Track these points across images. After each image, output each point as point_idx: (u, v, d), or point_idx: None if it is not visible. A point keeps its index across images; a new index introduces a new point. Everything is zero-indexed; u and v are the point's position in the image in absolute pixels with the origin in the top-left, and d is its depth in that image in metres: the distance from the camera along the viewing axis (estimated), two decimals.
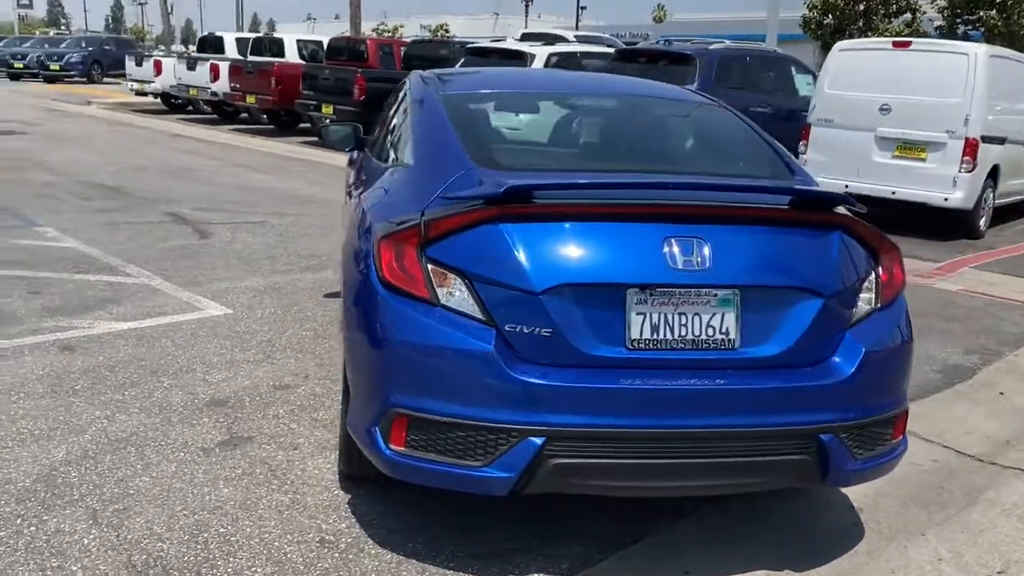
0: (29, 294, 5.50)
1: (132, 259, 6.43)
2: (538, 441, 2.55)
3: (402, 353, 2.66)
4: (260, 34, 20.78)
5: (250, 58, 18.57)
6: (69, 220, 7.71)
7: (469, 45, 14.35)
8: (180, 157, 12.97)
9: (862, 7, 26.90)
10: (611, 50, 13.11)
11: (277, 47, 18.98)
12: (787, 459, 2.71)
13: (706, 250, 2.66)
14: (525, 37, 19.20)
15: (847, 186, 9.63)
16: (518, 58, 12.83)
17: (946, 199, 9.14)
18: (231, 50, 19.96)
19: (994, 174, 9.67)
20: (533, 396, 2.55)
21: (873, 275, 2.92)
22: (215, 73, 17.68)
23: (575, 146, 3.52)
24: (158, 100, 21.04)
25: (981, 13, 25.26)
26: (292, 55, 18.70)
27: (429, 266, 2.65)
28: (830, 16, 27.43)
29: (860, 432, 2.80)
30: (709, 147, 3.67)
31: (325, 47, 18.11)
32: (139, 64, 20.71)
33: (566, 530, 3.08)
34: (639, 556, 2.99)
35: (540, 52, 12.87)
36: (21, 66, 31.70)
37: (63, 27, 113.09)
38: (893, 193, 9.53)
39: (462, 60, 13.57)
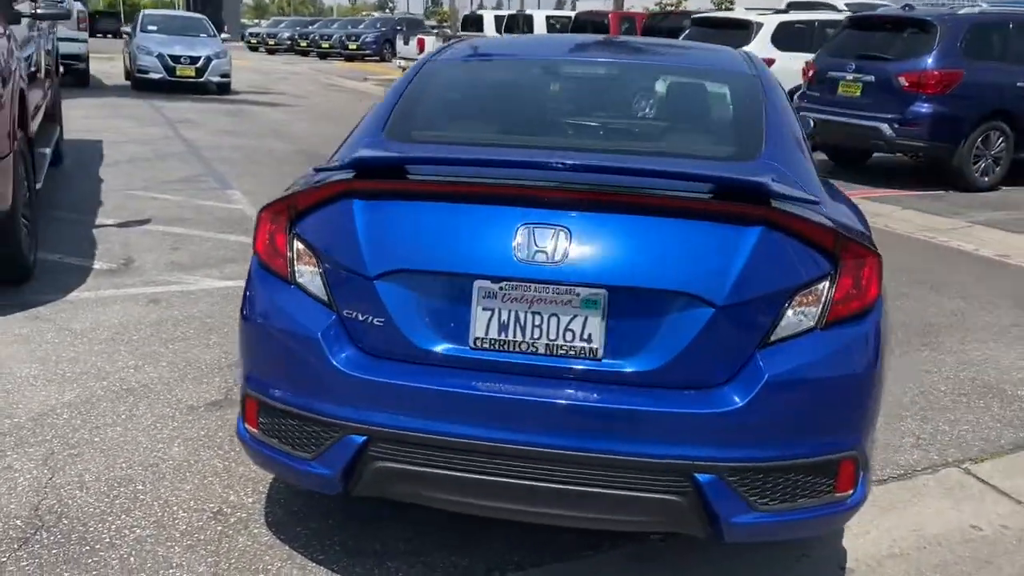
0: (170, 249, 6.05)
1: None
2: (358, 440, 2.32)
3: (255, 332, 2.56)
4: (514, 11, 21.29)
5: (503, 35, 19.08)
6: (259, 185, 8.39)
7: (694, 15, 13.65)
8: None
9: None
10: None
11: (528, 23, 19.31)
12: (652, 498, 2.24)
13: (567, 241, 2.26)
14: (792, 6, 17.97)
15: None
16: (743, 27, 11.98)
17: None
18: (489, 27, 20.63)
19: None
20: (356, 391, 2.32)
21: (824, 285, 2.33)
22: None
23: (520, 118, 3.14)
24: None
25: None
26: (541, 30, 18.94)
27: (296, 243, 2.51)
28: None
29: (764, 477, 2.26)
30: (677, 125, 3.13)
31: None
32: (406, 43, 22.08)
33: (473, 540, 2.81)
34: None
35: (769, 21, 11.92)
36: (327, 46, 35.14)
37: (388, 10, 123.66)
38: None
39: (687, 31, 12.96)
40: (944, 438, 3.74)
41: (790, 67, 11.34)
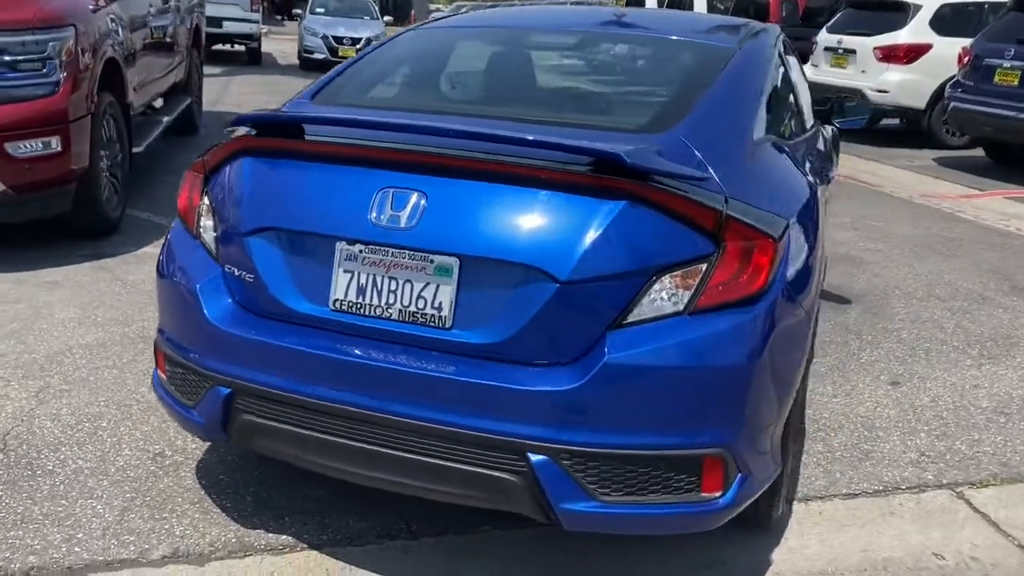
0: None
1: None
2: (224, 391, 2.39)
3: (161, 283, 2.67)
4: None
5: None
6: None
7: None
8: None
9: None
10: None
11: (688, 6, 18.75)
12: (488, 475, 2.16)
13: (423, 207, 2.21)
14: None
15: None
16: (899, 9, 11.09)
17: None
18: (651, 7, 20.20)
19: None
20: (224, 343, 2.39)
21: (702, 268, 2.15)
22: None
23: (452, 86, 3.06)
24: None
25: None
26: (701, 8, 18.34)
27: (205, 198, 2.61)
28: None
29: (603, 465, 2.13)
30: (609, 96, 2.95)
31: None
32: None
33: (378, 506, 2.80)
34: (419, 552, 2.64)
35: (928, 3, 10.97)
36: None
37: None
38: None
39: (840, 13, 12.19)
40: (954, 457, 3.36)
41: (949, 53, 10.41)
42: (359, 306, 2.29)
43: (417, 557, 2.62)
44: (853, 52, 11.42)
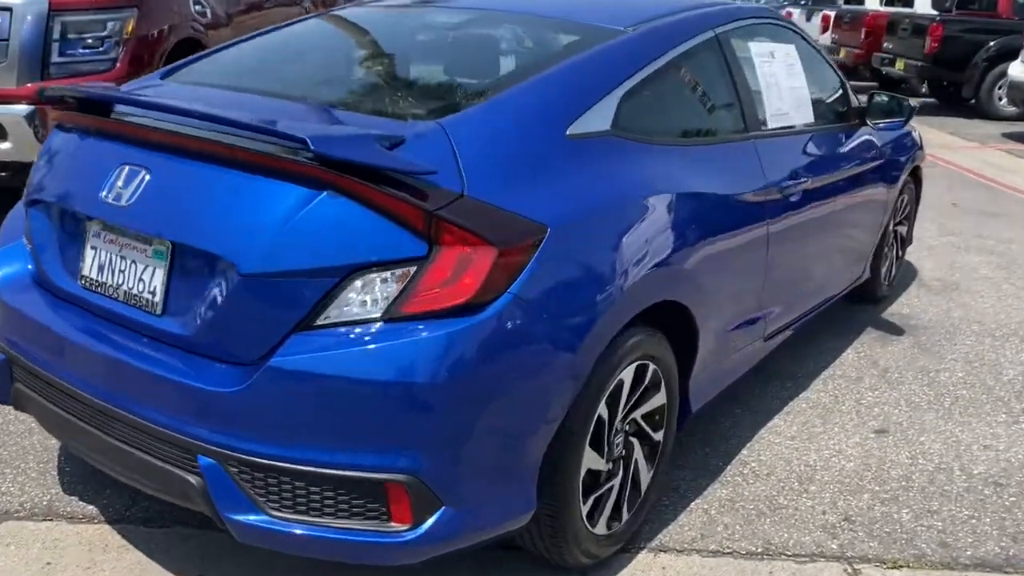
0: None
1: None
2: (2, 358, 2.45)
3: None
4: None
5: (888, 10, 17.07)
6: None
7: None
8: None
9: None
10: None
11: (908, 2, 17.05)
12: (170, 472, 2.06)
13: (147, 187, 2.13)
14: None
15: None
16: None
17: None
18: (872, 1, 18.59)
19: None
20: (3, 311, 2.44)
21: (410, 271, 1.92)
22: (825, 24, 16.85)
23: (285, 66, 2.87)
24: None
25: None
26: (923, 3, 16.61)
27: None
28: None
29: (269, 477, 1.95)
30: (431, 80, 2.67)
31: None
32: (808, 19, 20.73)
33: None
34: (195, 542, 2.57)
35: None
36: None
37: None
38: None
39: None
40: (884, 528, 2.79)
41: None
42: (98, 284, 2.26)
43: (189, 547, 2.54)
44: None
